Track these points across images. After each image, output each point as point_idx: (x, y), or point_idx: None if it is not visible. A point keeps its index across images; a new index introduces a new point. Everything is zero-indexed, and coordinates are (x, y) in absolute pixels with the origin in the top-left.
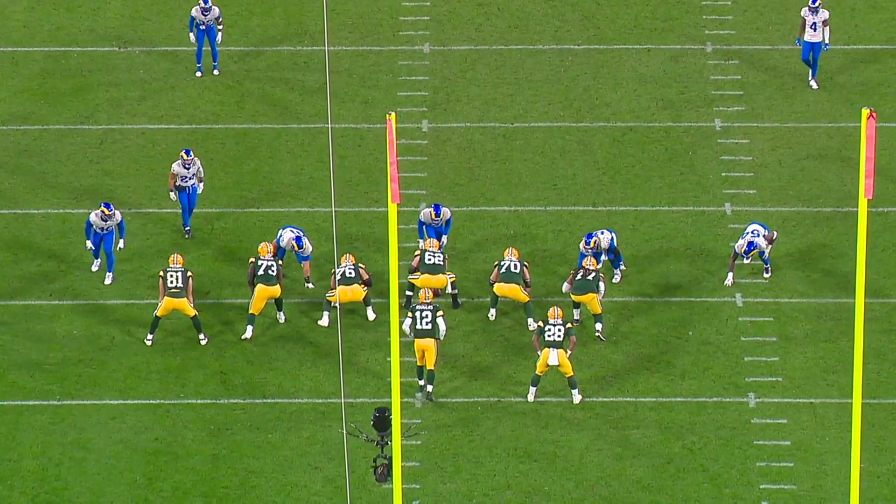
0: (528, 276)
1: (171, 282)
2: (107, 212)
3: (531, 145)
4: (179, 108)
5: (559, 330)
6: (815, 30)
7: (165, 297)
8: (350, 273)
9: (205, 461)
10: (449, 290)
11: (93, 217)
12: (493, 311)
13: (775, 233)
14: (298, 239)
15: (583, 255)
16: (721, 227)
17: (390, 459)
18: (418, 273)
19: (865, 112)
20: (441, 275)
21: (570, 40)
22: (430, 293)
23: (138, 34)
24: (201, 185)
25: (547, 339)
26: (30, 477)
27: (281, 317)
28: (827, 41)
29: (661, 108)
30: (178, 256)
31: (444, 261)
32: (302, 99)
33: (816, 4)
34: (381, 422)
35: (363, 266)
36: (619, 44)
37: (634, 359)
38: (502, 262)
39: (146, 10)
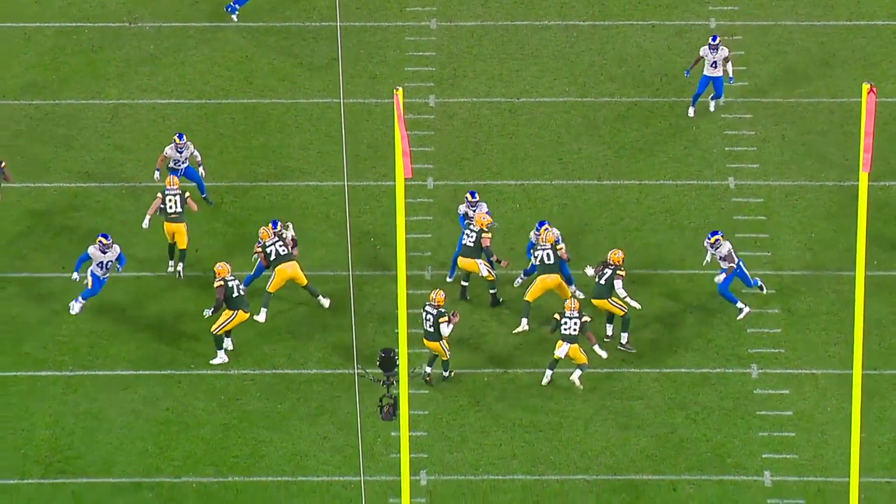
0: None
1: (171, 207)
2: (105, 241)
3: (537, 120)
4: (189, 82)
5: (575, 323)
6: (715, 67)
7: (165, 223)
8: (282, 249)
9: (215, 430)
10: (483, 273)
11: (92, 250)
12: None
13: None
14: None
15: (531, 245)
16: (724, 200)
17: (396, 398)
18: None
19: (866, 87)
20: (471, 259)
21: (575, 16)
22: (441, 295)
23: (149, 9)
24: (200, 168)
25: (563, 332)
26: (43, 446)
27: (325, 301)
28: (731, 74)
29: (665, 83)
30: (174, 178)
31: (474, 242)
32: (310, 74)
33: (717, 42)
34: (387, 362)
35: (287, 226)
36: (623, 20)
37: (638, 330)
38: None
39: None
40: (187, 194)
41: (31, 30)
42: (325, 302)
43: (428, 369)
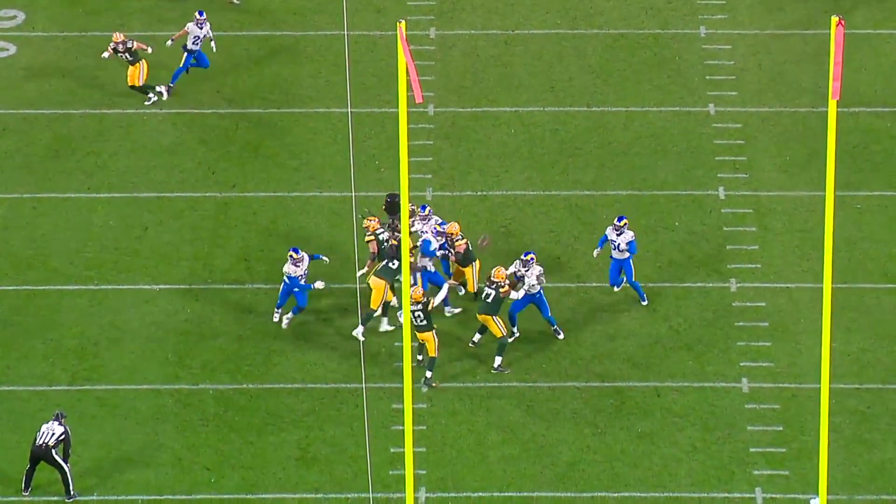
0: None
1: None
2: (295, 256)
3: (530, 51)
4: (208, 16)
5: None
6: (619, 249)
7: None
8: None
9: (231, 341)
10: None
11: (287, 267)
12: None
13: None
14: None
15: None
16: (706, 126)
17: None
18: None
19: (835, 20)
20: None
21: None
22: (420, 293)
23: None
24: (212, 43)
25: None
26: (70, 355)
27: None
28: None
29: (650, 17)
30: (119, 34)
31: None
32: (319, 7)
33: (622, 223)
34: (392, 207)
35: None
36: None
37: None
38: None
39: None
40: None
41: None
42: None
43: (428, 374)
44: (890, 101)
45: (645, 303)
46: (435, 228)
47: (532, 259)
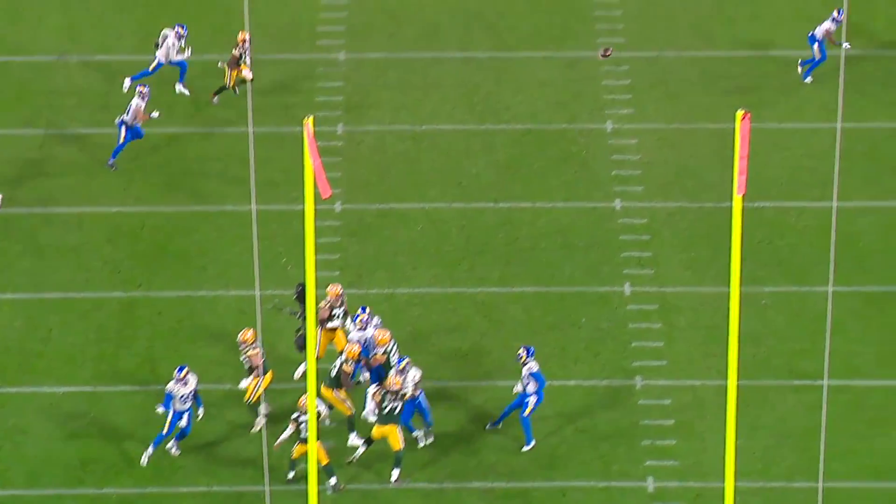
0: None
1: None
2: (179, 375)
3: (438, 146)
4: (115, 113)
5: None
6: (521, 383)
7: None
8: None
9: (136, 444)
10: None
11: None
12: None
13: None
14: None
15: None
16: (612, 221)
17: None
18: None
19: (740, 113)
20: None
21: (474, 48)
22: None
23: (78, 45)
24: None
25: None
26: None
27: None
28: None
29: (557, 112)
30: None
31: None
32: (226, 103)
33: (522, 356)
34: (304, 295)
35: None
36: (519, 51)
37: (530, 344)
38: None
39: (86, 20)
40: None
41: None
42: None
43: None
44: (795, 195)
45: (529, 445)
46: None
47: (408, 364)
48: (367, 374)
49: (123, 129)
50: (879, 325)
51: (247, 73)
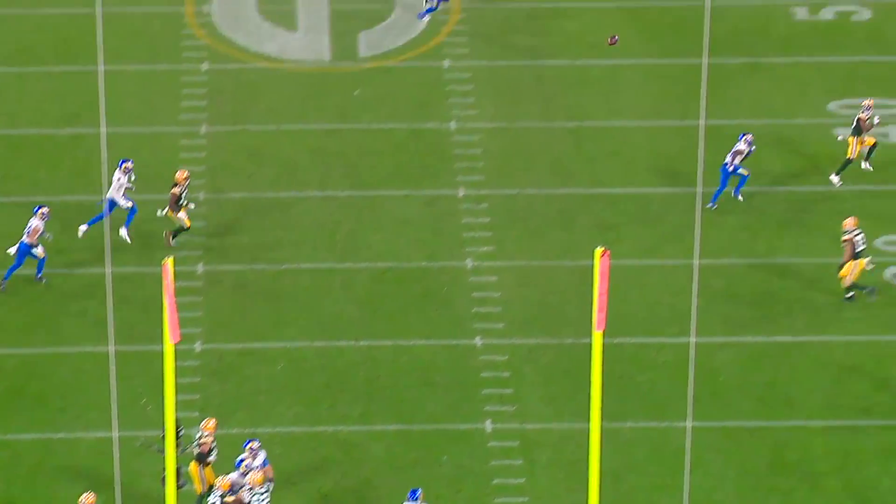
0: None
1: None
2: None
3: (299, 285)
4: None
5: None
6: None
7: None
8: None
9: None
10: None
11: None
12: None
13: None
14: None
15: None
16: (473, 358)
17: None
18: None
19: (599, 251)
20: None
21: (333, 187)
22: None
23: None
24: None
25: None
26: None
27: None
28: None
29: (417, 249)
30: None
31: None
32: (85, 244)
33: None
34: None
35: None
36: (379, 189)
37: (392, 482)
38: None
39: None
40: None
41: None
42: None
43: None
44: (653, 331)
45: None
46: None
47: (257, 446)
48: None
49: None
50: (739, 460)
51: (182, 216)
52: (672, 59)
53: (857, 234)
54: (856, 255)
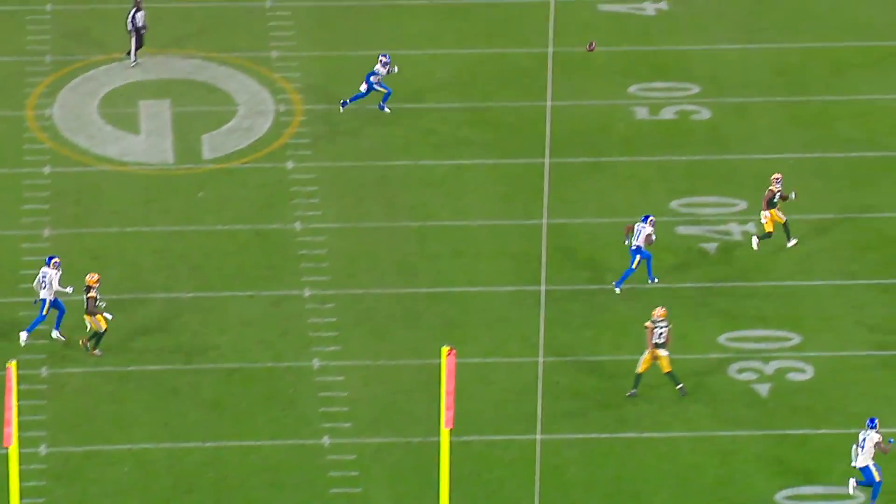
0: None
1: None
2: None
3: (145, 387)
4: None
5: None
6: None
7: None
8: None
9: None
10: None
11: None
12: None
13: None
14: None
15: None
16: (321, 458)
17: None
18: None
19: (445, 350)
20: None
21: (179, 288)
22: None
23: None
24: None
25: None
26: None
27: None
28: None
29: (263, 350)
30: None
31: None
32: None
33: None
34: None
35: None
36: (225, 291)
37: None
38: None
39: None
40: None
41: None
42: None
43: None
44: (501, 429)
45: None
46: None
47: None
48: None
49: None
50: None
51: (98, 318)
52: (515, 158)
53: (663, 327)
54: (657, 345)
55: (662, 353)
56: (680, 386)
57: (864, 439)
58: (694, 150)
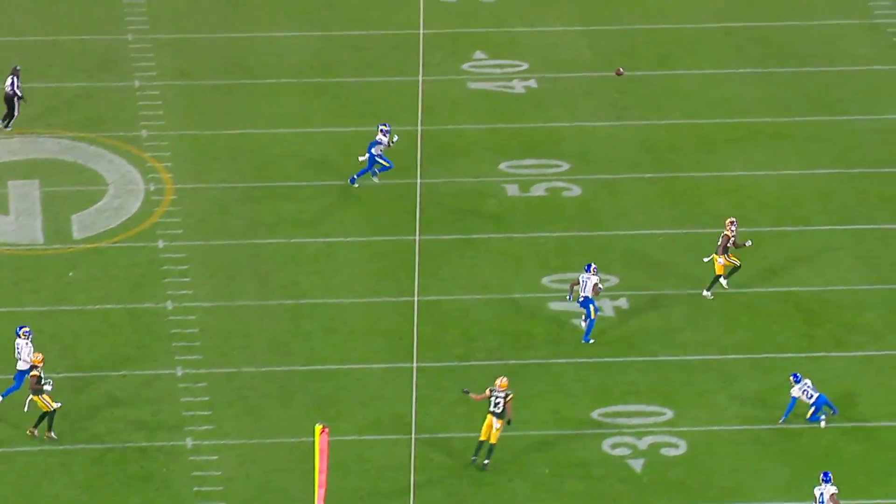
0: None
1: None
2: None
3: (15, 469)
4: None
5: None
6: None
7: None
8: None
9: None
10: None
11: None
12: None
13: None
14: None
15: None
16: None
17: None
18: None
19: (318, 427)
20: None
21: (50, 369)
22: None
23: None
24: None
25: None
26: None
27: None
28: None
29: (136, 430)
30: None
31: None
32: None
33: None
34: None
35: None
36: (95, 371)
37: None
38: None
39: None
40: None
41: None
42: None
43: None
44: None
45: None
46: None
47: None
48: None
49: None
50: None
51: (46, 399)
52: (387, 235)
53: (500, 397)
54: (494, 414)
55: (496, 423)
56: (486, 462)
57: (822, 494)
58: (565, 226)
